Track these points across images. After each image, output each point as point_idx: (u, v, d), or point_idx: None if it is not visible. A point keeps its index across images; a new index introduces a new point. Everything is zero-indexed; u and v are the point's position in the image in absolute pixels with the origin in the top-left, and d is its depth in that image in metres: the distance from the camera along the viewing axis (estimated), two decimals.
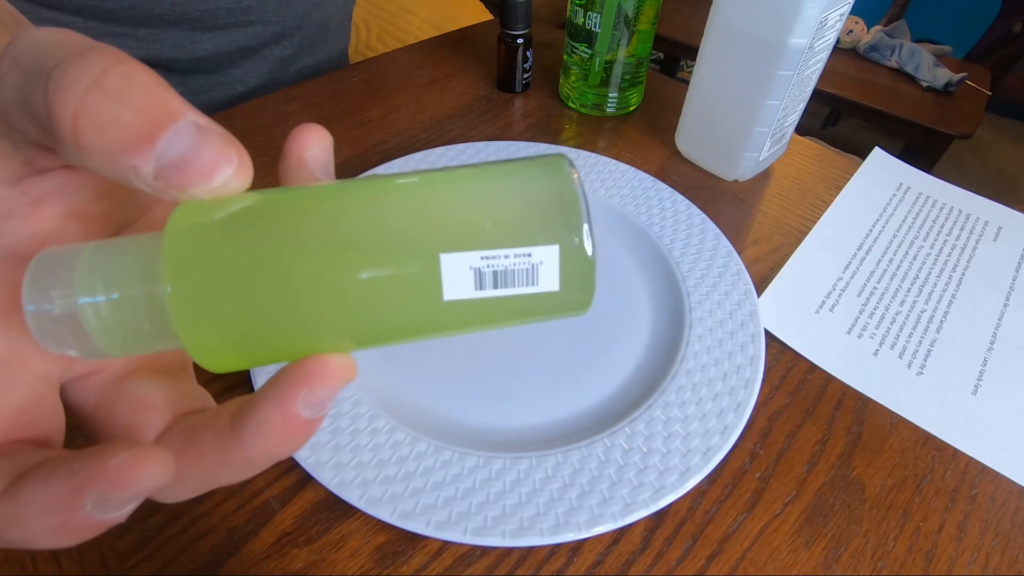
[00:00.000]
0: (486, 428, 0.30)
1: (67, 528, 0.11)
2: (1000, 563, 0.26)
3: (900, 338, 0.35)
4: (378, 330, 0.13)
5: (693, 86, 0.44)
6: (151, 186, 0.12)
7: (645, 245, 0.39)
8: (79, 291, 0.12)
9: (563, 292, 0.13)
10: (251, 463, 0.13)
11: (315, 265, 0.12)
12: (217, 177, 0.12)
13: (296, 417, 0.12)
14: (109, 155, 0.11)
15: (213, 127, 0.12)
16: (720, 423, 0.29)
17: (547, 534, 0.25)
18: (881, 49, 1.49)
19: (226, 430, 0.13)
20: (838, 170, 0.48)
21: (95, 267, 0.12)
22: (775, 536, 0.27)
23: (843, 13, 0.38)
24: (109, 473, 0.11)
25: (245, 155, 0.13)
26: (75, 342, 0.13)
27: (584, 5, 0.46)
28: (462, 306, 0.13)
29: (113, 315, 0.12)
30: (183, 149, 0.12)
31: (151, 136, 0.11)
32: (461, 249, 0.13)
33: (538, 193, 0.14)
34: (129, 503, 0.11)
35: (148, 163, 0.11)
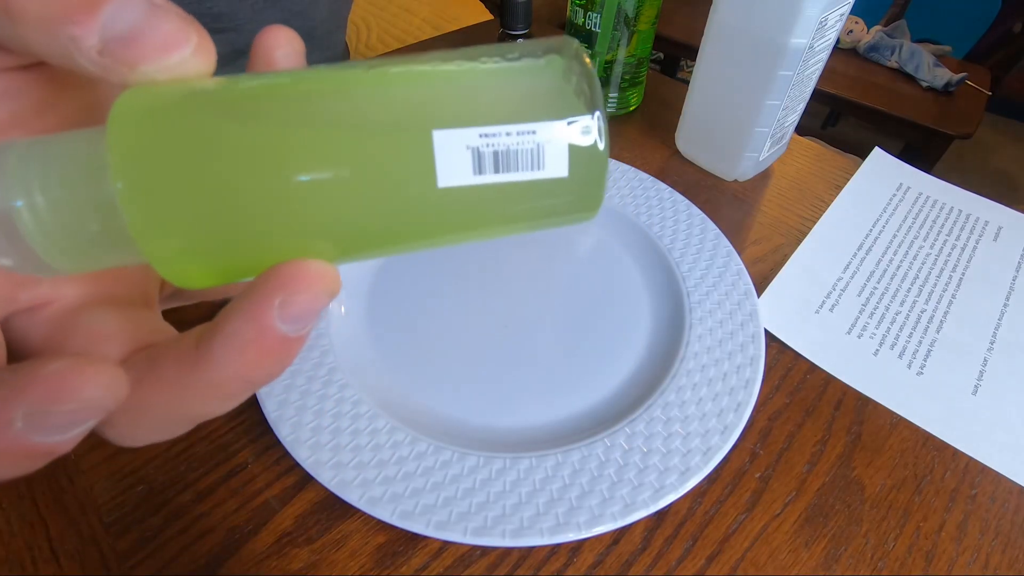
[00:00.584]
0: (486, 428, 0.30)
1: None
2: (1000, 563, 0.26)
3: (900, 338, 0.35)
4: (364, 229, 0.12)
5: (693, 86, 0.44)
6: (96, 63, 0.10)
7: (645, 245, 0.39)
8: (12, 185, 0.10)
9: (572, 180, 0.12)
10: (223, 389, 0.11)
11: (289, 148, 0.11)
12: (174, 54, 0.11)
13: (272, 330, 0.11)
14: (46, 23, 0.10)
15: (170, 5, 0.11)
16: (720, 423, 0.29)
17: (547, 534, 0.25)
18: (881, 49, 1.49)
19: (192, 351, 0.11)
20: (838, 170, 0.48)
21: (30, 161, 0.11)
22: (775, 536, 0.27)
23: (843, 13, 0.38)
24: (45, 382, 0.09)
25: (207, 36, 0.11)
26: (9, 248, 0.11)
27: (584, 5, 0.46)
28: (460, 196, 0.11)
29: (54, 214, 0.10)
30: (133, 21, 0.10)
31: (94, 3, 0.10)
32: (457, 125, 0.11)
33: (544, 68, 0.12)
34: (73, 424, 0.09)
35: (91, 33, 0.10)
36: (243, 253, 0.11)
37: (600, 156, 0.12)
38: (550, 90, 0.12)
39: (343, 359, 0.31)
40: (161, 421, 0.12)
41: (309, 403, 0.29)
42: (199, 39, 0.11)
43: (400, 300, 0.36)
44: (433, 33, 0.74)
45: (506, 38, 0.51)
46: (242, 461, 0.28)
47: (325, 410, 0.29)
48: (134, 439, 0.12)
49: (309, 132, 0.11)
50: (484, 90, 0.12)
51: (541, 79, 0.12)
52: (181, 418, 0.12)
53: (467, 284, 0.37)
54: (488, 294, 0.36)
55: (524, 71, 0.12)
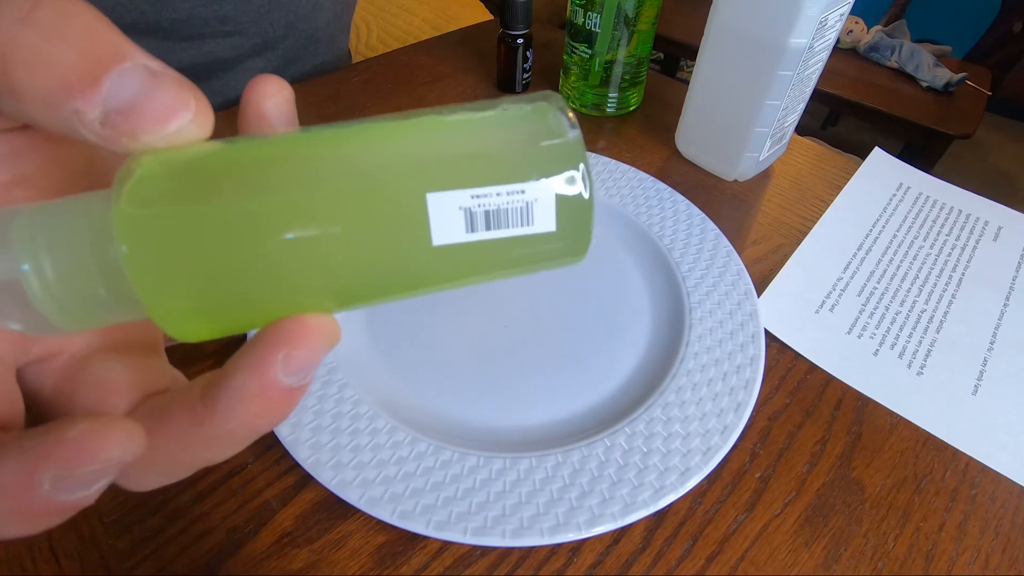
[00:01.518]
0: (486, 428, 0.30)
1: (24, 512, 0.10)
2: (1000, 563, 0.26)
3: (900, 338, 0.35)
4: (362, 284, 0.12)
5: (693, 86, 0.44)
6: (98, 134, 0.11)
7: (645, 245, 0.39)
8: (19, 254, 0.11)
9: (560, 233, 0.12)
10: (228, 439, 0.12)
11: (288, 211, 0.11)
12: (173, 123, 0.11)
13: (275, 384, 0.11)
14: (48, 99, 0.10)
15: (168, 71, 0.11)
16: (720, 423, 0.29)
17: (547, 534, 0.25)
18: (881, 49, 1.49)
19: (198, 404, 0.11)
20: (838, 170, 0.48)
21: (36, 228, 0.11)
22: (775, 536, 0.27)
23: (843, 13, 0.38)
24: (68, 446, 0.09)
25: (205, 102, 0.12)
26: (18, 313, 0.11)
27: (584, 5, 0.46)
28: (453, 252, 0.12)
29: (61, 281, 0.11)
30: (133, 92, 0.11)
31: (95, 76, 0.10)
32: (449, 188, 0.11)
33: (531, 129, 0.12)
34: (95, 481, 0.10)
35: (93, 107, 0.10)
36: (245, 310, 0.12)
37: (586, 205, 0.12)
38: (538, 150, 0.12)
39: (343, 359, 0.31)
40: (168, 468, 0.12)
41: (309, 403, 0.29)
42: (197, 106, 0.11)
43: (400, 300, 0.36)
44: (433, 33, 0.74)
45: (506, 38, 0.51)
46: (242, 461, 0.28)
47: (325, 410, 0.29)
48: (141, 485, 0.13)
49: (306, 197, 0.11)
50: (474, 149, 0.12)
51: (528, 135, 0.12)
52: (187, 465, 0.12)
53: None
54: (488, 294, 0.36)
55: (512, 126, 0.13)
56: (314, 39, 0.58)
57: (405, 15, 0.80)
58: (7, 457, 0.10)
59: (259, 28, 0.52)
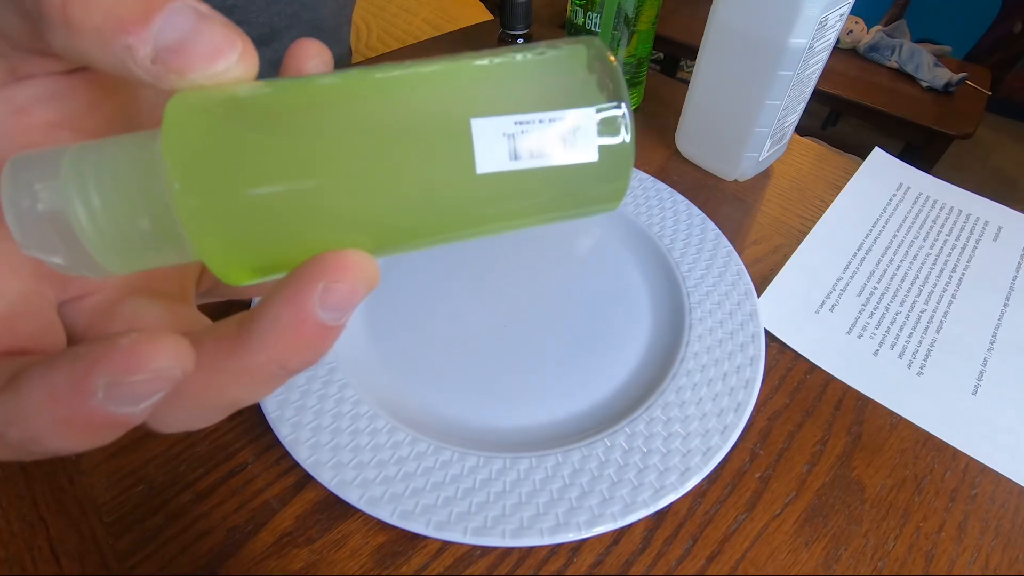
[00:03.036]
0: (486, 428, 0.30)
1: (76, 422, 0.10)
2: (1000, 563, 0.26)
3: (900, 338, 0.35)
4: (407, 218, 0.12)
5: (693, 86, 0.44)
6: (148, 71, 0.11)
7: (645, 245, 0.39)
8: (67, 185, 0.11)
9: (600, 166, 0.12)
10: (258, 374, 0.12)
11: (335, 144, 0.11)
12: (221, 62, 0.11)
13: (312, 317, 0.11)
14: (101, 34, 0.11)
15: (216, 14, 0.12)
16: (720, 423, 0.29)
17: (547, 534, 0.25)
18: (881, 49, 1.49)
19: (231, 335, 0.11)
20: (838, 170, 0.48)
21: (85, 163, 0.11)
22: (775, 536, 0.27)
23: (843, 13, 0.38)
24: (121, 352, 0.10)
25: (250, 43, 0.12)
26: (63, 246, 0.11)
27: (584, 5, 0.46)
28: (497, 182, 0.12)
29: (108, 214, 0.11)
30: (183, 30, 0.11)
31: (147, 13, 0.11)
32: (493, 114, 0.12)
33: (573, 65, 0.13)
34: (145, 394, 0.10)
35: (145, 43, 0.11)
36: (289, 248, 0.12)
37: (626, 147, 0.12)
38: (578, 81, 0.12)
39: (343, 359, 0.31)
40: (197, 406, 0.12)
41: (309, 403, 0.29)
42: (243, 46, 0.12)
43: (400, 300, 0.36)
44: (433, 33, 0.74)
45: (506, 38, 0.51)
46: (242, 461, 0.28)
47: (325, 410, 0.29)
48: (169, 424, 0.13)
49: (350, 129, 0.11)
50: (516, 81, 0.12)
51: (569, 72, 0.13)
52: (216, 404, 0.12)
53: (467, 284, 0.37)
54: (488, 294, 0.36)
55: (553, 65, 0.13)
56: (318, 30, 0.59)
57: (405, 15, 0.80)
58: (62, 363, 0.10)
59: (265, 17, 0.53)
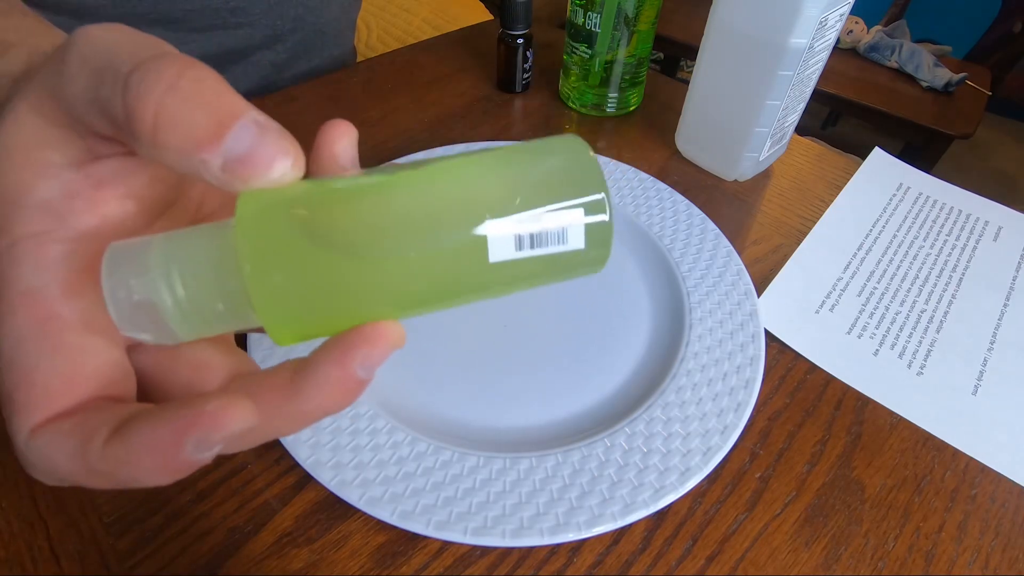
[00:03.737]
0: (486, 428, 0.30)
1: (169, 467, 0.12)
2: (1000, 563, 0.26)
3: (900, 338, 0.35)
4: (430, 297, 0.15)
5: (693, 86, 0.44)
6: (218, 178, 0.13)
7: (645, 245, 0.39)
8: (157, 278, 0.13)
9: (587, 249, 0.15)
10: (306, 416, 0.14)
11: (377, 243, 0.14)
12: (277, 168, 0.13)
13: (352, 376, 0.14)
14: (183, 151, 0.13)
15: (271, 123, 0.14)
16: (720, 423, 0.29)
17: (547, 534, 0.25)
18: (881, 49, 1.49)
19: (286, 385, 0.14)
20: (838, 170, 0.48)
21: (170, 255, 0.14)
22: (775, 536, 0.27)
23: (843, 13, 0.38)
24: (207, 417, 0.12)
25: (299, 149, 0.14)
26: (151, 326, 0.14)
27: (584, 5, 0.46)
28: (504, 267, 0.15)
29: (190, 299, 0.13)
30: (247, 145, 0.13)
31: (219, 134, 0.13)
32: (504, 216, 0.14)
33: (562, 166, 0.16)
34: (219, 444, 0.12)
35: (216, 157, 0.13)
36: (334, 320, 0.14)
37: (607, 227, 0.15)
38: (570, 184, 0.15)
39: None
40: (251, 441, 0.14)
41: None
42: (295, 154, 0.14)
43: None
44: (433, 33, 0.74)
45: (506, 38, 0.51)
46: (242, 461, 0.28)
47: None
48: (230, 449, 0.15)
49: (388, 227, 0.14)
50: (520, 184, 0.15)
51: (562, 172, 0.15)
52: (264, 436, 0.15)
53: None
54: None
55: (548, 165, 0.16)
56: (322, 33, 0.59)
57: (405, 15, 0.80)
58: (163, 422, 0.12)
59: (269, 20, 0.53)
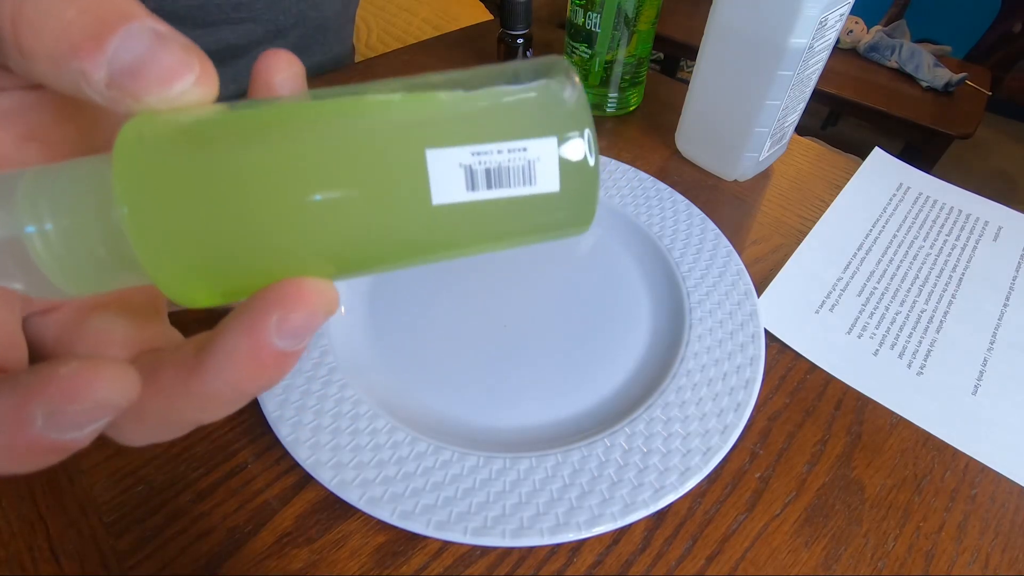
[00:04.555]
0: (486, 428, 0.30)
1: (18, 447, 0.10)
2: (1000, 563, 0.26)
3: (900, 338, 0.35)
4: (362, 247, 0.12)
5: (693, 86, 0.44)
6: (103, 95, 0.11)
7: (645, 245, 0.39)
8: (22, 214, 0.11)
9: (563, 195, 0.12)
10: (217, 398, 0.12)
11: (286, 173, 0.11)
12: (176, 85, 0.11)
13: (268, 346, 0.11)
14: (55, 59, 0.10)
15: (175, 34, 0.11)
16: (720, 423, 0.29)
17: (547, 534, 0.25)
18: (881, 49, 1.49)
19: (189, 360, 0.11)
20: (838, 170, 0.48)
21: (39, 189, 0.11)
22: (775, 536, 0.27)
23: (843, 13, 0.38)
24: (60, 383, 0.10)
25: (209, 65, 0.12)
26: (20, 273, 0.11)
27: (584, 5, 0.46)
28: (454, 212, 0.12)
29: (63, 241, 0.11)
30: (138, 53, 0.11)
31: (100, 37, 0.10)
32: (449, 144, 0.11)
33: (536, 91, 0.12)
34: (87, 422, 0.10)
35: (99, 67, 0.10)
36: (244, 274, 0.12)
37: (591, 171, 0.12)
38: (541, 109, 0.12)
39: (343, 359, 0.31)
40: (160, 424, 0.12)
41: (309, 403, 0.29)
42: (201, 69, 0.11)
43: (400, 300, 0.36)
44: (433, 33, 0.74)
45: (506, 38, 0.51)
46: (242, 461, 0.28)
47: (325, 410, 0.29)
48: (134, 439, 0.13)
49: (306, 156, 0.11)
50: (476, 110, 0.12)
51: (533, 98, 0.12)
52: (178, 422, 0.12)
53: (467, 284, 0.37)
54: (488, 294, 0.36)
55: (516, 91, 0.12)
56: (323, 28, 0.59)
57: (405, 15, 0.80)
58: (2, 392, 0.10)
59: (271, 15, 0.53)
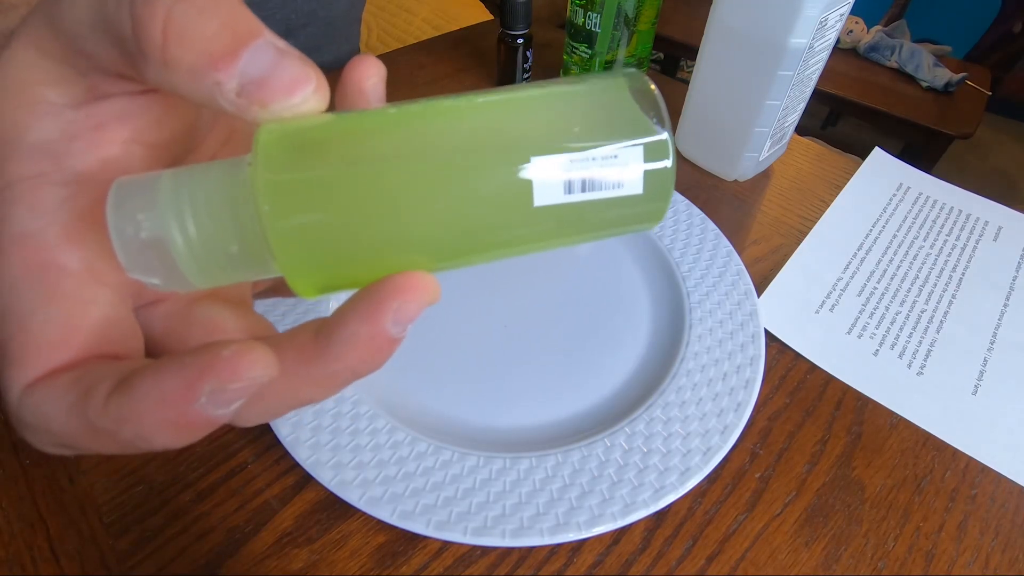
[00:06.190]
0: (486, 428, 0.30)
1: (182, 423, 0.11)
2: (1000, 563, 0.26)
3: (900, 338, 0.35)
4: (467, 243, 0.13)
5: (693, 86, 0.44)
6: (233, 103, 0.12)
7: (645, 245, 0.39)
8: (167, 213, 0.12)
9: (645, 196, 0.13)
10: (333, 380, 0.13)
11: (409, 178, 0.12)
12: (298, 94, 0.12)
13: (384, 332, 0.12)
14: (194, 70, 0.11)
15: (291, 49, 0.12)
16: (720, 423, 0.29)
17: (547, 534, 0.25)
18: (881, 49, 1.49)
19: (309, 345, 0.13)
20: (838, 170, 0.48)
21: (180, 190, 0.12)
22: (775, 536, 0.27)
23: (843, 13, 0.38)
24: (223, 363, 0.11)
25: (323, 77, 0.13)
26: (160, 268, 0.12)
27: (584, 5, 0.46)
28: (551, 212, 0.13)
29: (202, 238, 0.12)
30: (265, 66, 0.12)
31: (235, 51, 0.12)
32: (552, 152, 0.12)
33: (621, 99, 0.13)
34: (237, 399, 0.11)
35: (232, 79, 0.12)
36: (361, 267, 0.13)
37: (669, 173, 0.13)
38: (627, 115, 0.13)
39: None
40: (276, 403, 0.13)
41: None
42: (318, 80, 0.13)
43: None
44: (433, 33, 0.74)
45: (506, 38, 0.51)
46: (242, 461, 0.28)
47: (325, 410, 0.29)
48: (248, 420, 0.14)
49: (428, 167, 0.12)
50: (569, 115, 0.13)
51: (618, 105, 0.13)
52: (292, 403, 0.13)
53: (467, 284, 0.37)
54: (488, 294, 0.36)
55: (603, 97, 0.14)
56: (332, 27, 0.60)
57: (405, 15, 0.80)
58: (171, 371, 0.11)
59: (284, 13, 0.54)
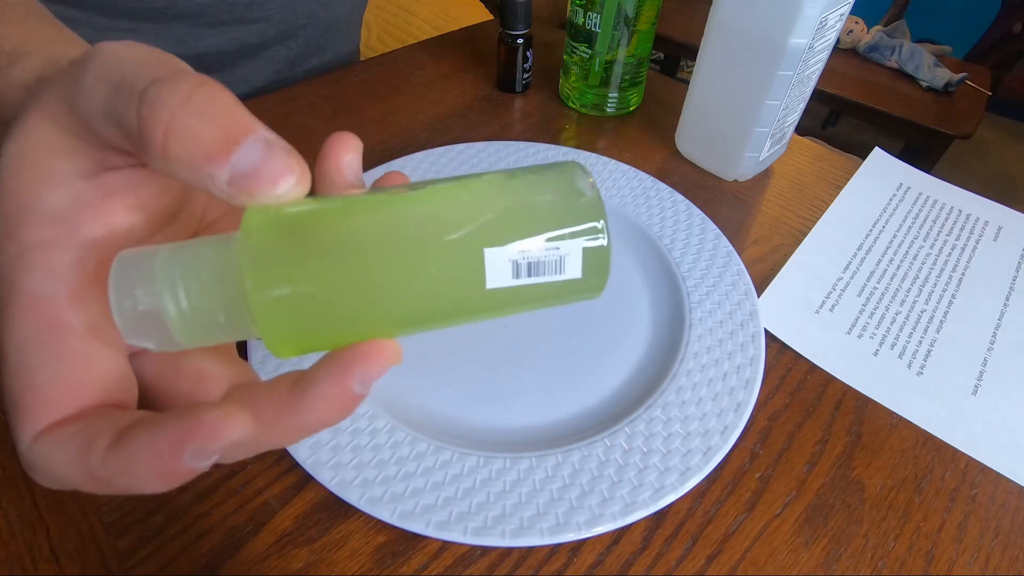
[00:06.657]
0: (486, 428, 0.30)
1: (168, 475, 0.13)
2: (1000, 563, 0.26)
3: (900, 338, 0.35)
4: (426, 318, 0.15)
5: (693, 86, 0.44)
6: (224, 192, 0.14)
7: (645, 245, 0.39)
8: (162, 288, 0.14)
9: (584, 279, 0.15)
10: (303, 429, 0.15)
11: (376, 265, 0.14)
12: (282, 185, 0.14)
13: (349, 392, 0.14)
14: (191, 164, 0.13)
15: (279, 142, 0.14)
16: (720, 423, 0.29)
17: (547, 534, 0.25)
18: (881, 49, 1.49)
19: (284, 399, 0.14)
20: (838, 170, 0.48)
21: (174, 266, 0.14)
22: (775, 536, 0.27)
23: (843, 13, 0.38)
24: (205, 427, 0.12)
25: (306, 167, 0.15)
26: (155, 334, 0.14)
27: (584, 5, 0.46)
28: (500, 293, 0.15)
29: (193, 310, 0.14)
30: (254, 160, 0.14)
31: (228, 149, 0.13)
32: (502, 244, 0.14)
33: (562, 196, 0.16)
34: (216, 454, 0.13)
35: (223, 171, 0.13)
36: (332, 336, 0.15)
37: (605, 252, 0.15)
38: (569, 211, 0.15)
39: None
40: (248, 449, 0.15)
41: None
42: (300, 172, 0.14)
43: None
44: (433, 33, 0.74)
45: (506, 38, 0.51)
46: (242, 461, 0.28)
47: None
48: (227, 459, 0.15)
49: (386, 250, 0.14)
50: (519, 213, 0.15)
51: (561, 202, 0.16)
52: (264, 446, 0.15)
53: None
54: None
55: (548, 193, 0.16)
56: (332, 29, 0.60)
57: (405, 15, 0.80)
58: (162, 432, 0.13)
59: (284, 15, 0.54)
